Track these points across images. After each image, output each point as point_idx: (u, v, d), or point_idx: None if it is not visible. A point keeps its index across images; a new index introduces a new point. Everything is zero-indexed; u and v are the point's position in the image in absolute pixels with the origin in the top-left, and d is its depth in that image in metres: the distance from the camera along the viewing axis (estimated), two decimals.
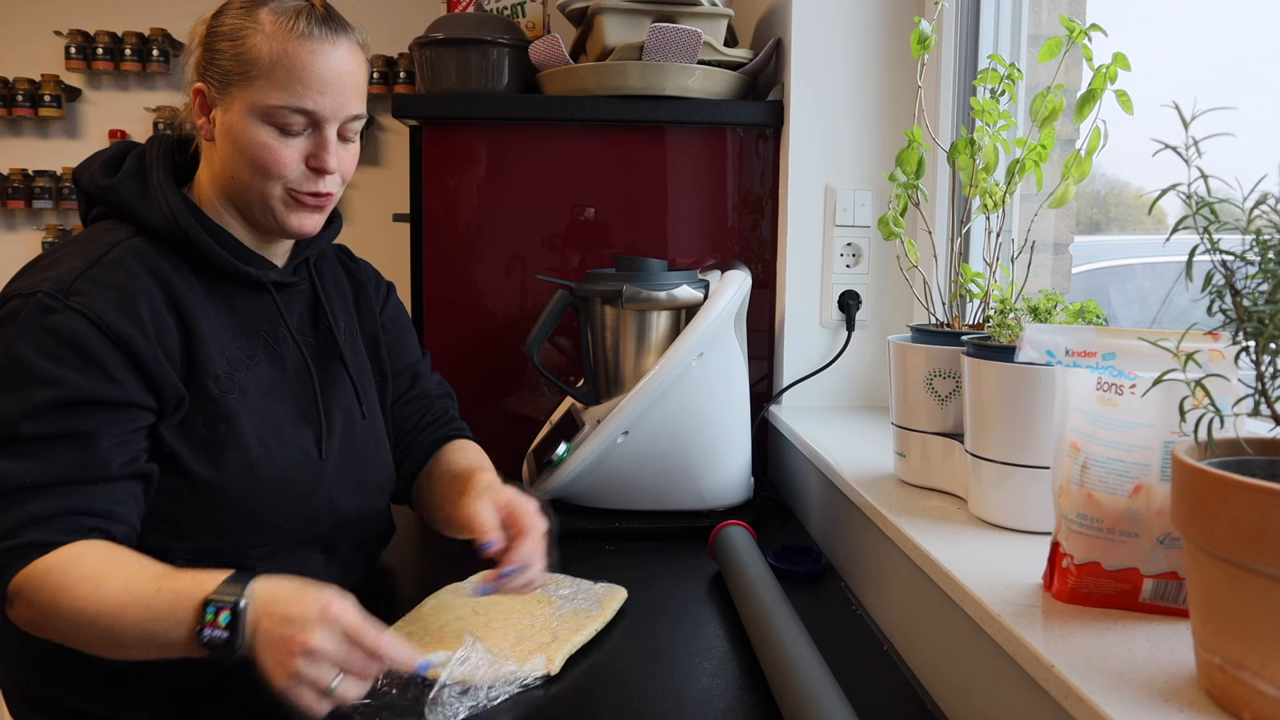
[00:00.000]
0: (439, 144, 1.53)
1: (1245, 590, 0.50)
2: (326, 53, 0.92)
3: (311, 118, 0.92)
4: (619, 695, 0.83)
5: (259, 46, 0.90)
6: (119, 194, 0.93)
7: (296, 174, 0.93)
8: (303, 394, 0.99)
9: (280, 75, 0.90)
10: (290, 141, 0.92)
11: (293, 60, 0.90)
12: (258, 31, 0.91)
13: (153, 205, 0.92)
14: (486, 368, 1.58)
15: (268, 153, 0.91)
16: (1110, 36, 0.90)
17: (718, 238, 1.58)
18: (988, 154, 1.00)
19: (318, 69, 0.91)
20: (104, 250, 0.89)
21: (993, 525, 0.90)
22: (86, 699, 0.92)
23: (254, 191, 0.93)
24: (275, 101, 0.90)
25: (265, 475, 0.92)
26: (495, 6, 1.79)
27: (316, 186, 0.94)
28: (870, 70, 1.48)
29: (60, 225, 3.27)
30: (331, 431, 1.00)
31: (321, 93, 0.91)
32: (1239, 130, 0.56)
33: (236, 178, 0.93)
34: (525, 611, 0.96)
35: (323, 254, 1.09)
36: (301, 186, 0.94)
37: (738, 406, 1.27)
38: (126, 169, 0.94)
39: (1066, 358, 0.71)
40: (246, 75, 0.90)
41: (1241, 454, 0.56)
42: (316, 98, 0.91)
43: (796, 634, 0.85)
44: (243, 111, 0.91)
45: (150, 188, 0.93)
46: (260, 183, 0.93)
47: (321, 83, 0.91)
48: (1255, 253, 0.54)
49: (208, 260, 0.93)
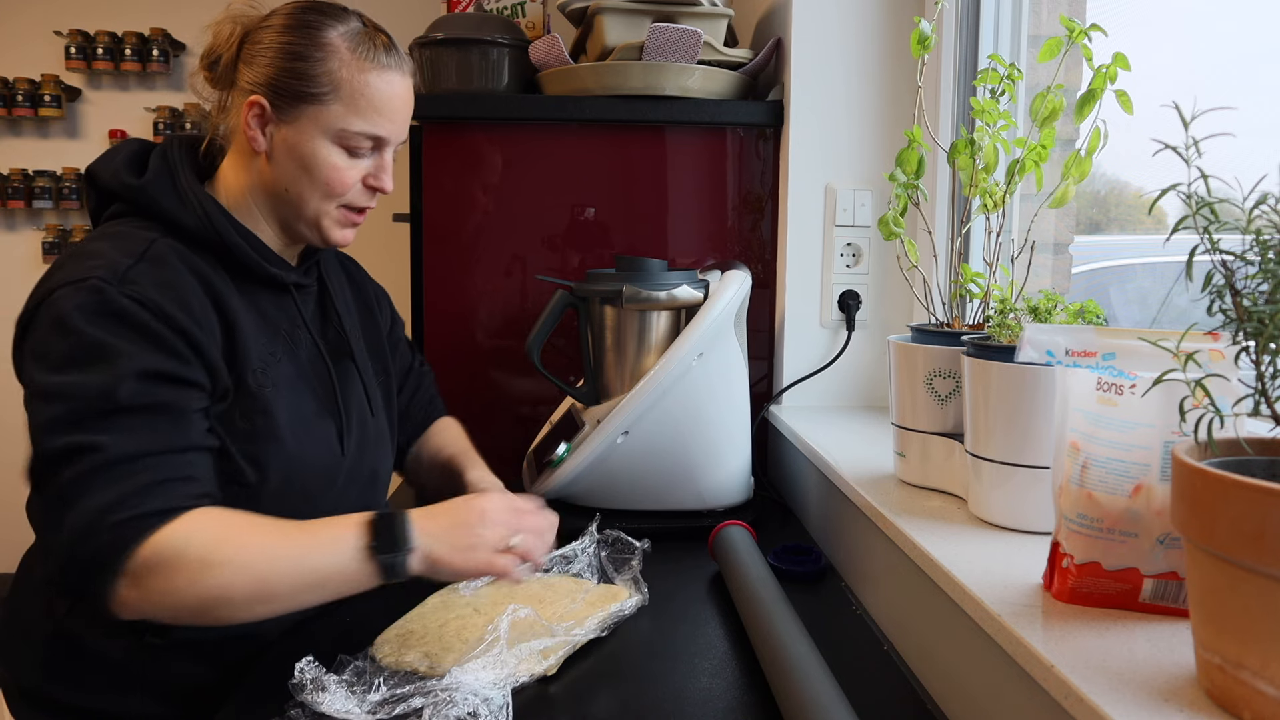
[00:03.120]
0: (439, 144, 1.53)
1: (1245, 590, 0.50)
2: (397, 82, 0.97)
3: (378, 142, 0.97)
4: (618, 695, 0.83)
5: (336, 72, 0.93)
6: (149, 194, 0.93)
7: (355, 192, 0.98)
8: (322, 391, 1.01)
9: (359, 102, 0.94)
10: (356, 164, 0.96)
11: (373, 89, 0.94)
12: (333, 56, 0.93)
13: (185, 206, 0.93)
14: (486, 367, 1.58)
15: (336, 174, 0.95)
16: (1110, 36, 0.90)
17: (718, 238, 1.58)
18: (988, 154, 1.00)
19: (394, 101, 0.96)
20: (144, 246, 0.89)
21: (993, 525, 0.90)
22: (87, 696, 0.92)
23: (309, 207, 0.96)
24: (354, 127, 0.94)
25: (297, 469, 0.94)
26: (495, 6, 1.79)
27: (369, 203, 1.00)
28: (870, 70, 1.48)
29: (60, 225, 3.27)
30: (350, 428, 1.02)
31: (392, 120, 0.96)
32: (1239, 130, 0.56)
33: (292, 191, 0.96)
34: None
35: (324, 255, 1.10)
36: (356, 203, 0.99)
37: (738, 406, 1.27)
38: (154, 169, 0.95)
39: (1066, 358, 0.71)
40: (321, 98, 0.93)
41: (1241, 454, 0.56)
42: (388, 125, 0.96)
43: (796, 634, 0.85)
44: (313, 132, 0.94)
45: (180, 188, 0.94)
46: (319, 201, 0.96)
47: (393, 110, 0.96)
48: (1255, 253, 0.54)
49: (236, 260, 0.95)
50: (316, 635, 0.95)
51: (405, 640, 0.89)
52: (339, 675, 0.81)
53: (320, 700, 0.77)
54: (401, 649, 0.87)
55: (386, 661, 0.85)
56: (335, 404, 1.02)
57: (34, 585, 0.96)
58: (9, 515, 2.94)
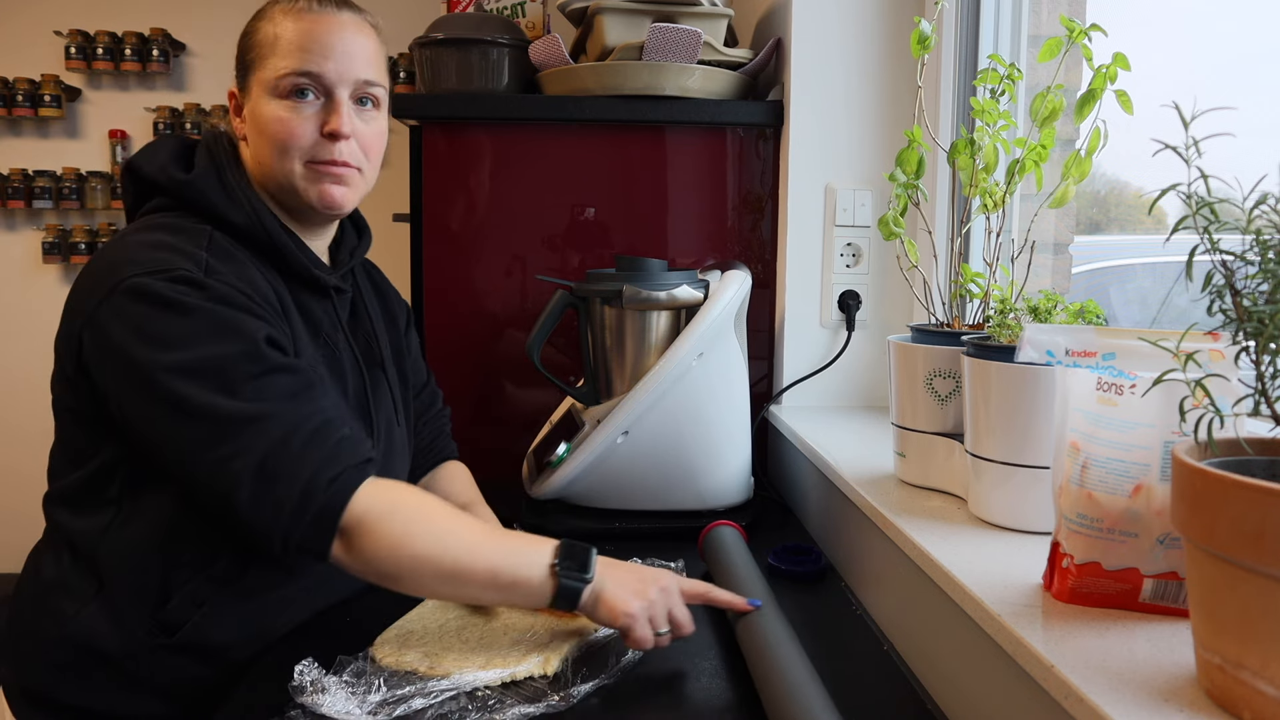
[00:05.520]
0: (439, 144, 1.53)
1: (1245, 590, 0.50)
2: (329, 23, 0.95)
3: (318, 81, 0.94)
4: (618, 695, 0.83)
5: (267, 30, 0.95)
6: (199, 188, 0.93)
7: (311, 142, 0.95)
8: (356, 396, 1.02)
9: (284, 47, 0.93)
10: (303, 112, 0.94)
11: (295, 31, 0.94)
12: (267, 20, 0.95)
13: (235, 203, 0.93)
14: (486, 368, 1.58)
15: (280, 125, 0.94)
16: (1110, 36, 0.90)
17: (718, 238, 1.58)
18: (988, 154, 1.00)
19: (320, 36, 0.94)
20: (205, 239, 0.90)
21: (993, 525, 0.90)
22: (90, 697, 0.92)
23: (279, 172, 0.96)
24: (281, 71, 0.93)
25: None
26: (495, 6, 1.79)
27: (331, 154, 0.95)
28: (870, 70, 1.48)
29: (60, 225, 3.27)
30: (379, 435, 1.03)
31: (325, 56, 0.94)
32: (1239, 130, 0.56)
33: (264, 163, 0.96)
34: (525, 612, 0.96)
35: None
36: (319, 155, 0.95)
37: (738, 406, 1.27)
38: (202, 165, 0.95)
39: (1066, 358, 0.71)
40: (259, 60, 0.94)
41: (1241, 454, 0.56)
42: (320, 61, 0.94)
43: (783, 635, 0.84)
44: (259, 95, 0.95)
45: (228, 185, 0.94)
46: (281, 160, 0.95)
47: (324, 47, 0.94)
48: (1255, 253, 0.54)
49: (284, 260, 0.95)
50: (316, 636, 0.95)
51: (405, 640, 0.89)
52: (339, 676, 0.81)
53: (320, 701, 0.77)
54: (401, 649, 0.87)
55: (386, 662, 0.85)
56: (368, 410, 1.02)
57: (39, 585, 0.96)
58: (10, 516, 2.94)
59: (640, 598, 0.84)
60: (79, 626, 0.91)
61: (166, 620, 0.91)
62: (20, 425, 3.24)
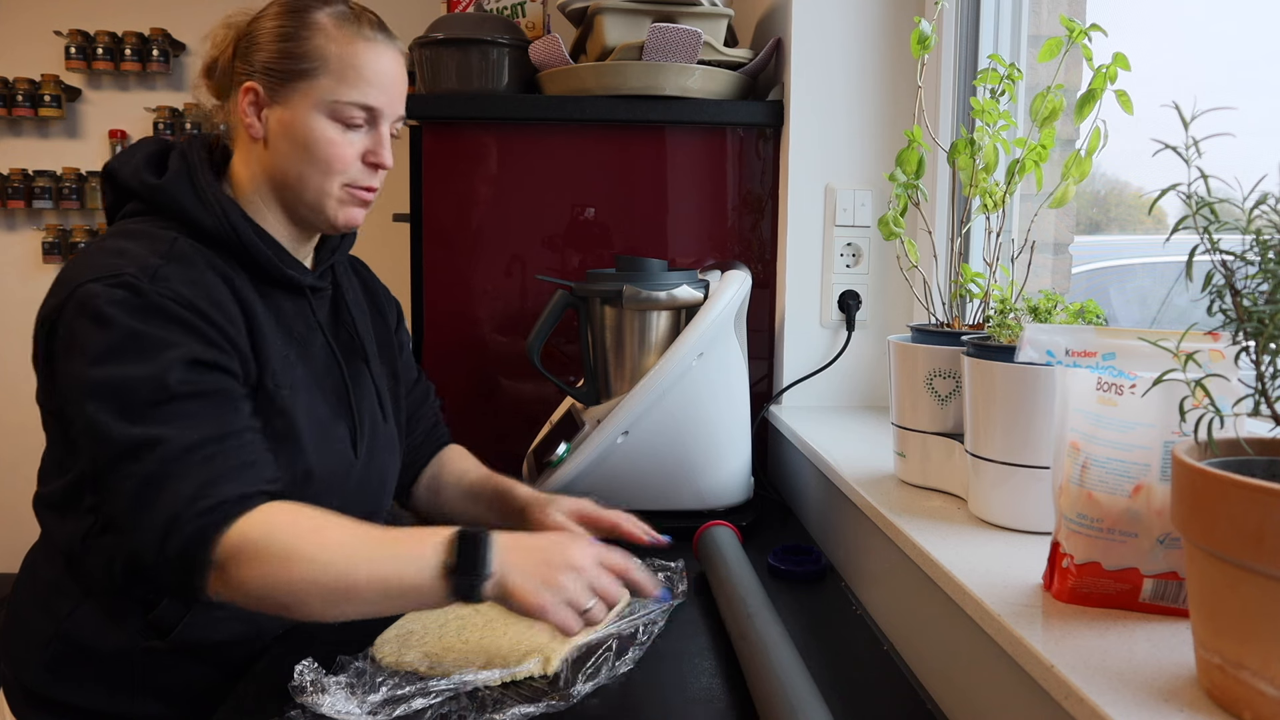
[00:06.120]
0: (439, 144, 1.53)
1: (1245, 590, 0.50)
2: (384, 54, 0.97)
3: (372, 114, 0.96)
4: (617, 695, 0.83)
5: (324, 46, 0.94)
6: (169, 193, 0.93)
7: (356, 170, 0.97)
8: (336, 394, 1.01)
9: (349, 73, 0.94)
10: (351, 138, 0.96)
11: (359, 59, 0.94)
12: (320, 33, 0.94)
13: (205, 207, 0.93)
14: (486, 367, 1.58)
15: (333, 148, 0.95)
16: (1110, 37, 0.90)
17: (718, 238, 1.58)
18: (988, 154, 1.00)
19: (380, 68, 0.96)
20: (168, 245, 0.89)
21: (993, 525, 0.90)
22: (88, 697, 0.92)
23: (310, 187, 0.96)
24: (345, 98, 0.94)
25: (315, 471, 0.94)
26: (495, 6, 1.79)
27: (371, 181, 0.99)
28: (870, 70, 1.48)
29: (60, 225, 3.27)
30: (362, 431, 1.02)
31: (383, 91, 0.96)
32: (1239, 130, 0.56)
33: (292, 173, 0.95)
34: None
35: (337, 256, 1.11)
36: (359, 181, 0.98)
37: (738, 406, 1.27)
38: (174, 169, 0.95)
39: (1066, 358, 0.71)
40: (311, 73, 0.93)
41: (1241, 454, 0.56)
42: (379, 94, 0.96)
43: (775, 635, 0.84)
44: (306, 108, 0.94)
45: (199, 188, 0.94)
46: (319, 179, 0.95)
47: (383, 82, 0.96)
48: (1255, 253, 0.54)
49: (254, 261, 0.95)
50: (316, 636, 0.95)
51: (405, 640, 0.89)
52: (339, 676, 0.81)
53: (320, 702, 0.77)
54: (401, 649, 0.87)
55: (386, 662, 0.85)
56: (348, 407, 1.02)
57: (37, 585, 0.96)
58: (9, 515, 2.94)
59: (549, 586, 0.78)
60: (73, 626, 0.91)
61: (158, 622, 0.91)
62: (20, 425, 3.24)
